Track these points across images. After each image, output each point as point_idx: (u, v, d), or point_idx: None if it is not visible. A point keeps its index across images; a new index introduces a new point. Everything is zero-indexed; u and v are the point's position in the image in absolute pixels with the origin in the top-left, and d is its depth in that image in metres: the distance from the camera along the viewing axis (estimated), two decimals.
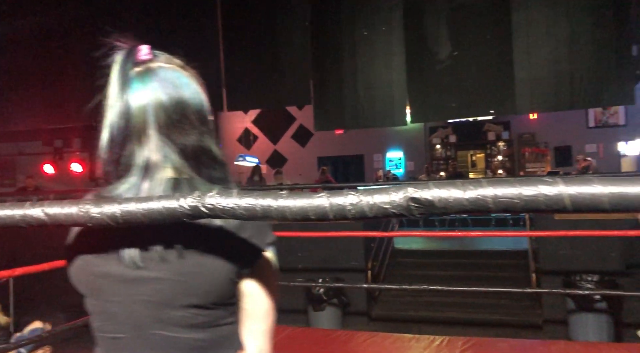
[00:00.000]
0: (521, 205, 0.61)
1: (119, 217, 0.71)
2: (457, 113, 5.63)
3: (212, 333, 0.88)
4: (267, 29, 5.87)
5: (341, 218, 0.68)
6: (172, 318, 0.85)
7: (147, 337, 0.86)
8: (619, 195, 0.57)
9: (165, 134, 0.87)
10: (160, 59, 0.93)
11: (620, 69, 4.76)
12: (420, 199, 0.65)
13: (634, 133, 11.51)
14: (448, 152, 13.06)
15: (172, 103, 0.88)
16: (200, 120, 0.91)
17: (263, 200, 0.69)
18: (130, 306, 0.86)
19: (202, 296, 0.85)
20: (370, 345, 3.72)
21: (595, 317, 4.88)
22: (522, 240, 6.89)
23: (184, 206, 0.70)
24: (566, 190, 0.59)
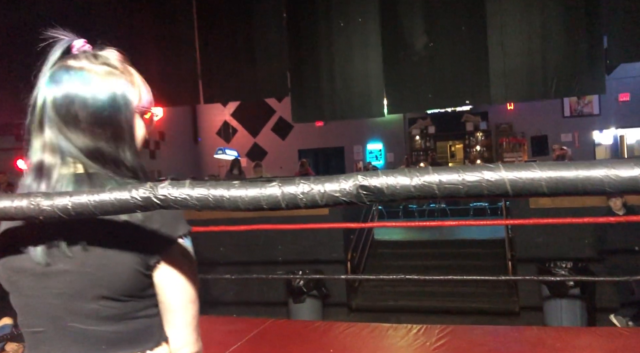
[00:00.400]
0: (465, 190, 0.62)
1: (70, 209, 0.71)
2: (433, 104, 5.66)
3: (127, 326, 0.89)
4: (242, 21, 5.82)
5: (293, 207, 0.69)
6: (84, 310, 0.86)
7: (64, 329, 0.88)
8: (555, 179, 0.59)
9: (61, 132, 0.89)
10: (79, 57, 0.92)
11: (592, 59, 4.84)
12: (369, 187, 0.66)
13: (607, 122, 11.75)
14: (427, 143, 13.16)
15: (63, 103, 0.88)
16: (95, 121, 0.89)
17: (215, 190, 0.69)
18: (45, 299, 0.87)
19: (110, 288, 0.86)
20: (349, 335, 3.75)
21: (569, 303, 4.99)
22: (500, 229, 7.00)
23: (136, 197, 0.70)
24: (507, 175, 0.60)
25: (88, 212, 0.71)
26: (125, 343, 0.89)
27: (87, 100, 0.88)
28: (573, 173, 0.58)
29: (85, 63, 0.90)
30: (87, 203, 0.71)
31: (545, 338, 3.41)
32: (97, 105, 0.88)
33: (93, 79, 0.89)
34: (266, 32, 5.79)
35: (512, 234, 6.09)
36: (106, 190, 0.71)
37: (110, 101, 0.90)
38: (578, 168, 0.58)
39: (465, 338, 3.57)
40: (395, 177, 0.65)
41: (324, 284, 5.99)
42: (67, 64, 0.90)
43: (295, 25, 5.76)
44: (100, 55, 0.93)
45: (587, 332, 3.73)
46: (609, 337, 3.35)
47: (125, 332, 0.88)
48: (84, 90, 0.88)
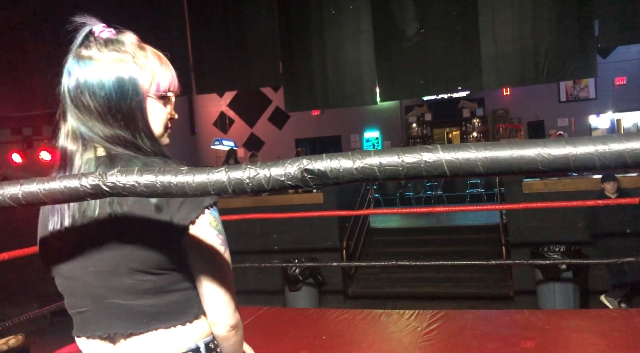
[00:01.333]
0: (404, 171, 0.63)
1: (20, 198, 0.72)
2: (425, 90, 5.65)
3: (165, 299, 0.91)
4: (233, 10, 5.79)
5: (240, 192, 0.70)
6: (122, 285, 0.89)
7: (105, 306, 0.91)
8: (491, 159, 0.59)
9: (80, 120, 0.92)
10: (91, 45, 0.93)
11: (583, 43, 4.82)
12: (314, 170, 0.67)
13: (604, 106, 11.72)
14: (424, 131, 13.14)
15: (78, 91, 0.91)
16: (107, 108, 0.91)
17: (163, 176, 0.70)
18: (84, 279, 0.91)
19: (142, 261, 0.88)
20: (342, 322, 3.78)
21: (562, 286, 5.02)
22: (495, 214, 7.02)
23: (86, 185, 0.70)
24: (444, 156, 0.61)
25: (38, 200, 0.72)
26: (165, 316, 0.91)
27: (95, 88, 0.90)
28: (507, 152, 0.59)
29: (94, 52, 0.92)
30: (37, 192, 0.71)
31: (535, 321, 3.44)
32: (104, 93, 0.90)
33: (100, 68, 0.91)
34: (257, 21, 5.76)
35: (507, 219, 6.11)
36: (56, 179, 0.72)
37: (117, 88, 0.91)
38: (512, 147, 0.59)
39: (457, 322, 3.60)
40: (338, 161, 0.66)
41: (319, 272, 6.02)
42: (79, 54, 0.92)
43: (287, 13, 5.73)
44: (112, 41, 0.94)
45: (577, 314, 3.76)
46: (598, 319, 3.37)
47: (163, 305, 0.90)
48: (91, 79, 0.90)
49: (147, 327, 0.91)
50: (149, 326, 0.91)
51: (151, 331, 0.91)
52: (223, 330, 0.96)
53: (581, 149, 0.56)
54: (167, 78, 0.99)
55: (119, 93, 0.91)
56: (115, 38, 0.94)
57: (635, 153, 0.54)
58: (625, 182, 5.08)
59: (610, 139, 0.56)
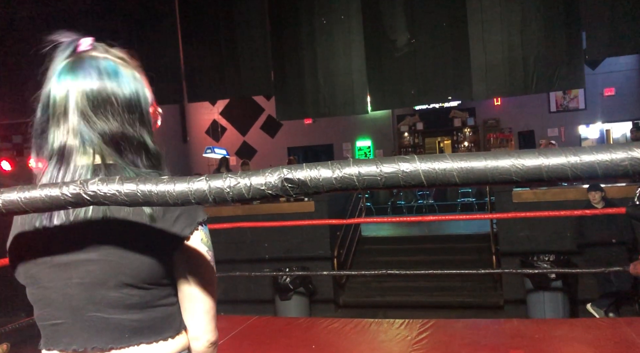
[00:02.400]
0: (383, 181, 0.64)
1: (1, 207, 0.72)
2: (416, 100, 5.69)
3: (148, 314, 0.90)
4: (225, 20, 5.82)
5: (221, 201, 0.70)
6: (107, 299, 0.87)
7: (85, 319, 0.88)
8: (466, 169, 0.60)
9: (85, 119, 0.89)
10: (97, 50, 0.93)
11: (571, 55, 4.88)
12: (294, 179, 0.67)
13: (593, 117, 11.84)
14: (416, 140, 13.19)
15: (94, 90, 0.88)
16: (127, 108, 0.91)
17: (144, 185, 0.70)
18: (65, 290, 0.88)
19: (132, 275, 0.87)
20: (332, 331, 3.77)
21: (552, 295, 5.05)
22: (485, 223, 7.05)
23: (67, 194, 0.71)
24: (421, 167, 0.62)
25: (19, 208, 0.72)
26: (148, 331, 0.90)
27: (119, 86, 0.90)
28: (482, 163, 0.60)
29: (107, 54, 0.93)
30: (18, 201, 0.71)
31: (524, 330, 3.45)
32: (127, 91, 0.91)
33: (120, 67, 0.92)
34: (249, 30, 5.79)
35: (497, 229, 6.13)
36: (37, 187, 0.72)
37: (136, 88, 0.93)
38: (487, 158, 0.60)
39: (446, 331, 3.61)
40: (318, 170, 0.67)
41: (310, 281, 6.00)
42: (90, 55, 0.91)
43: (278, 23, 5.76)
44: (113, 50, 0.95)
45: (566, 323, 3.78)
46: (586, 328, 3.39)
47: (147, 320, 0.89)
48: (115, 77, 0.90)
49: (129, 342, 0.89)
50: (130, 341, 0.89)
51: (133, 346, 0.89)
52: (203, 346, 0.97)
53: (553, 160, 0.57)
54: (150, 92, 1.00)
55: (137, 93, 0.93)
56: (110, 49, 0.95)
57: (604, 164, 0.55)
58: (613, 192, 5.13)
59: (581, 151, 0.57)
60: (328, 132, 12.92)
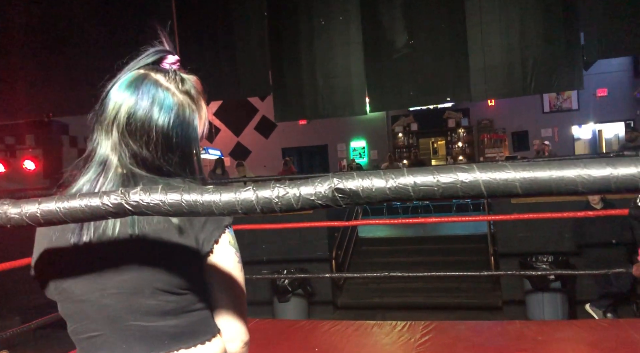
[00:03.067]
0: (440, 191, 0.62)
1: (39, 217, 0.69)
2: (414, 101, 5.69)
3: (185, 320, 0.89)
4: (223, 20, 5.78)
5: (269, 211, 0.68)
6: (144, 306, 0.86)
7: (123, 329, 0.87)
8: (529, 179, 0.59)
9: (123, 138, 0.89)
10: (169, 75, 0.92)
11: (570, 55, 4.91)
12: (345, 189, 0.65)
13: (586, 117, 11.93)
14: (410, 140, 13.23)
15: (138, 115, 0.88)
16: (166, 145, 0.89)
17: (189, 195, 0.68)
18: (101, 301, 0.87)
19: (167, 281, 0.86)
20: (334, 334, 3.75)
21: (551, 296, 5.06)
22: (482, 224, 7.07)
23: (107, 204, 0.68)
24: (481, 176, 0.60)
25: (58, 219, 0.69)
26: (186, 337, 0.90)
27: (166, 124, 0.89)
28: (547, 173, 0.58)
29: (172, 85, 0.91)
30: (57, 211, 0.69)
31: (527, 332, 3.45)
32: (173, 131, 0.90)
33: (176, 104, 0.90)
34: (247, 31, 5.76)
35: (495, 229, 6.15)
36: (76, 197, 0.69)
37: (185, 130, 0.91)
38: (551, 168, 0.58)
39: (449, 333, 3.60)
40: (370, 180, 0.65)
41: (309, 283, 5.98)
42: (155, 79, 0.90)
43: (277, 24, 5.74)
44: (186, 81, 0.94)
45: (568, 324, 3.79)
46: (588, 330, 3.40)
47: (185, 325, 0.89)
48: (164, 113, 0.89)
49: (169, 348, 0.89)
50: (170, 347, 0.89)
51: (172, 352, 0.89)
52: (238, 347, 0.97)
53: (622, 170, 0.56)
54: (204, 130, 0.99)
55: (183, 136, 0.91)
56: (184, 76, 0.94)
57: None
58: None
59: None
60: (322, 132, 12.91)
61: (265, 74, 5.75)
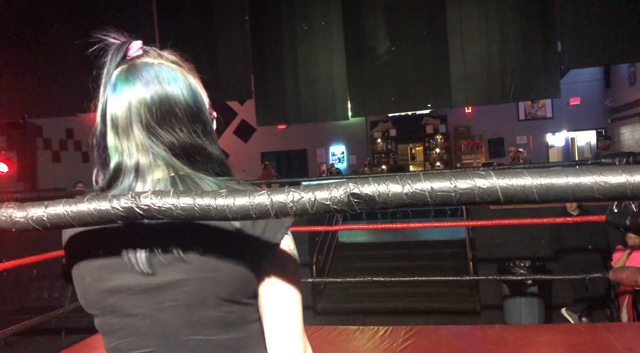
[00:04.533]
0: (457, 197, 0.62)
1: (46, 221, 0.67)
2: (396, 107, 5.73)
3: (244, 332, 0.83)
4: (204, 24, 5.74)
5: (283, 215, 0.67)
6: (207, 319, 0.80)
7: (180, 344, 0.81)
8: (546, 186, 0.60)
9: (152, 132, 0.82)
10: (149, 54, 0.87)
11: (547, 65, 5.01)
12: (361, 194, 0.65)
13: (559, 125, 12.22)
14: (389, 146, 13.34)
15: (155, 100, 0.82)
16: (191, 117, 0.84)
17: (202, 199, 0.67)
18: (157, 316, 0.80)
19: (232, 290, 0.80)
20: (316, 339, 3.74)
21: (528, 301, 5.15)
22: (461, 229, 7.15)
23: (117, 208, 0.67)
24: (499, 183, 0.61)
25: (65, 223, 0.67)
26: (245, 349, 0.83)
27: (178, 96, 0.83)
28: (563, 180, 0.59)
29: (160, 59, 0.87)
30: (64, 215, 0.67)
31: (507, 337, 3.49)
32: (190, 100, 0.84)
33: (177, 75, 0.85)
34: (229, 34, 5.72)
35: (473, 235, 6.23)
36: (84, 201, 0.68)
37: (197, 96, 0.87)
38: (568, 175, 0.59)
39: (431, 338, 3.62)
40: (387, 185, 0.65)
41: None
42: (144, 61, 0.85)
43: (259, 28, 5.72)
44: (162, 53, 0.89)
45: (547, 329, 3.85)
46: (567, 334, 3.46)
47: (243, 338, 0.83)
48: (174, 87, 0.84)
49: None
50: None
51: None
52: None
53: (638, 177, 0.57)
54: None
55: (199, 101, 0.87)
56: (162, 52, 0.89)
57: None
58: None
59: None
60: (302, 137, 12.93)
61: (247, 78, 5.72)
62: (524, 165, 7.44)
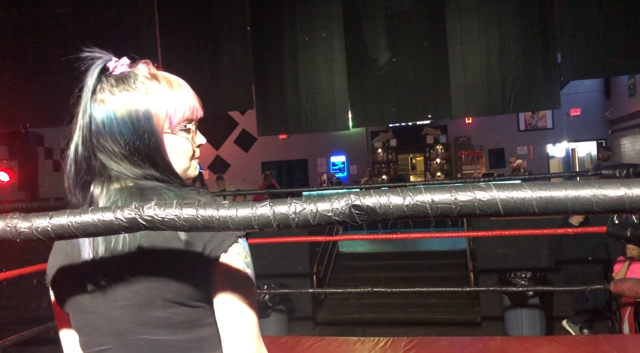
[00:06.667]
0: (457, 209, 0.63)
1: (50, 232, 0.68)
2: (396, 118, 5.74)
3: (195, 334, 0.86)
4: (206, 34, 5.78)
5: (285, 226, 0.68)
6: (154, 319, 0.84)
7: (131, 343, 0.85)
8: (546, 198, 0.60)
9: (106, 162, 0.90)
10: (107, 84, 0.91)
11: (547, 75, 5.03)
12: (363, 206, 0.66)
13: (560, 136, 12.24)
14: (389, 156, 13.35)
15: (98, 137, 0.89)
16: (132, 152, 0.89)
17: (204, 210, 0.67)
18: (110, 314, 0.85)
19: (179, 292, 0.84)
20: (316, 350, 3.72)
21: (529, 312, 5.13)
22: (461, 240, 7.14)
23: (121, 218, 0.67)
24: (498, 195, 0.62)
25: (69, 233, 0.68)
26: (194, 351, 0.86)
27: (114, 133, 0.88)
28: (562, 193, 0.60)
29: (107, 95, 0.90)
30: (69, 225, 0.68)
31: (508, 348, 3.48)
32: (125, 138, 0.88)
33: (115, 113, 0.89)
34: (230, 45, 5.76)
35: (474, 245, 6.22)
36: (88, 211, 0.68)
37: (135, 132, 0.89)
38: (567, 188, 0.60)
39: (432, 350, 3.61)
40: (387, 197, 0.65)
41: (289, 298, 5.94)
42: (94, 98, 0.90)
43: (260, 38, 5.76)
44: (124, 79, 0.91)
45: (548, 340, 3.83)
46: (568, 346, 3.45)
47: (194, 340, 0.86)
48: (110, 126, 0.88)
49: None
50: None
51: None
52: None
53: (637, 190, 0.58)
54: (182, 107, 0.94)
55: (136, 135, 0.89)
56: (127, 73, 0.92)
57: None
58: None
59: None
60: (302, 147, 12.95)
61: (248, 88, 5.75)
62: (525, 176, 7.46)
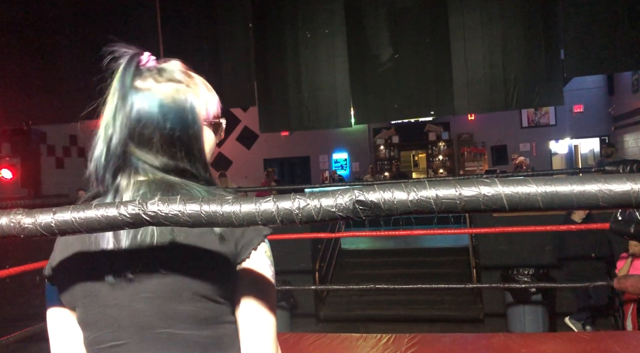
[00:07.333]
0: (462, 205, 0.63)
1: (54, 227, 0.68)
2: (399, 114, 5.72)
3: (216, 331, 0.85)
4: (208, 31, 5.77)
5: (289, 222, 0.68)
6: (179, 312, 0.82)
7: (152, 337, 0.83)
8: (551, 193, 0.60)
9: (134, 145, 0.88)
10: (149, 74, 0.91)
11: (550, 72, 5.01)
12: (366, 201, 0.66)
13: (563, 133, 12.20)
14: (392, 153, 13.34)
15: (140, 122, 0.88)
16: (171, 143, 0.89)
17: (208, 206, 0.67)
18: (133, 307, 0.83)
19: (207, 287, 0.83)
20: (319, 347, 3.73)
21: (532, 309, 5.12)
22: (464, 237, 7.14)
23: (125, 214, 0.67)
24: (503, 190, 0.61)
25: (73, 229, 0.68)
26: (215, 349, 0.85)
27: (159, 123, 0.88)
28: (568, 188, 0.60)
29: (151, 83, 0.90)
30: (72, 221, 0.68)
31: (511, 345, 3.48)
32: (168, 126, 0.88)
33: (161, 101, 0.89)
34: (232, 42, 5.75)
35: (476, 242, 6.21)
36: (92, 207, 0.68)
37: (180, 121, 0.90)
38: (572, 183, 0.60)
39: (434, 346, 3.61)
40: (392, 192, 0.65)
41: (292, 295, 5.94)
42: (135, 86, 0.89)
43: (262, 35, 5.75)
44: (164, 70, 0.92)
45: (551, 337, 3.83)
46: (572, 342, 3.44)
47: (216, 337, 0.85)
48: (154, 114, 0.88)
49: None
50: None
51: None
52: None
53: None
54: (215, 103, 0.99)
55: (182, 125, 0.90)
56: (163, 66, 0.93)
57: None
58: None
59: None
60: (305, 144, 12.95)
61: (250, 85, 5.74)
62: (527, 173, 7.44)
